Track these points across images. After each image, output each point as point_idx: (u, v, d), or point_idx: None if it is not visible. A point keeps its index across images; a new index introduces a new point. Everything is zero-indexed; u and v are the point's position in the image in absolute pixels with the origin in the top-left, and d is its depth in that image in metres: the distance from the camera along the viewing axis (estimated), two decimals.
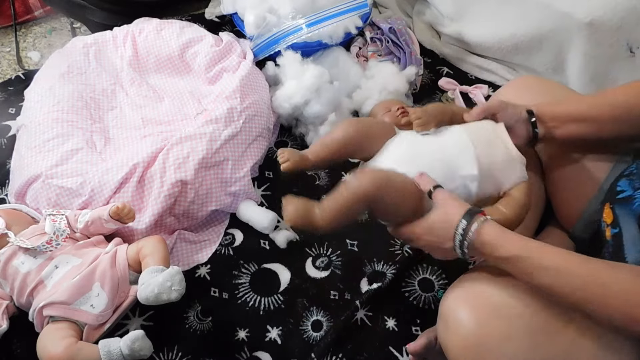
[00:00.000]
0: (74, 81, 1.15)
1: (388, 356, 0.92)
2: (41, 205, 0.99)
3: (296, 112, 1.22)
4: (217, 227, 1.07)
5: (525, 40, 1.32)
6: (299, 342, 0.92)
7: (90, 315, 0.84)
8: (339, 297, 0.98)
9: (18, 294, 0.87)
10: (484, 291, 0.71)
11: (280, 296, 0.98)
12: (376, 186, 0.74)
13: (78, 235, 0.94)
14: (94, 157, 1.02)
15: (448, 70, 1.47)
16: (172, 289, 0.81)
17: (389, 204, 0.75)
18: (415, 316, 0.96)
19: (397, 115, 1.14)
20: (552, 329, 0.67)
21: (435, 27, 1.53)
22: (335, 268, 1.02)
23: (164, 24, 1.28)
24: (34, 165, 1.00)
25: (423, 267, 1.03)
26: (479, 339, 0.67)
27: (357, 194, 0.74)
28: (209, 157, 1.03)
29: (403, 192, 0.75)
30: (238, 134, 1.09)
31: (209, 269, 1.01)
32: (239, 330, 0.93)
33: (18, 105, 1.24)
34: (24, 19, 1.53)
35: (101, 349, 0.80)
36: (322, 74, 1.20)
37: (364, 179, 0.74)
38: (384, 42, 1.36)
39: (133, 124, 1.13)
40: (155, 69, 1.26)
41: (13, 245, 0.88)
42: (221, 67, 1.23)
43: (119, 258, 0.90)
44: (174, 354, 0.89)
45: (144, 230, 0.98)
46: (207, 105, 1.16)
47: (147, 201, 0.99)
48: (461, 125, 0.83)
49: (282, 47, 1.23)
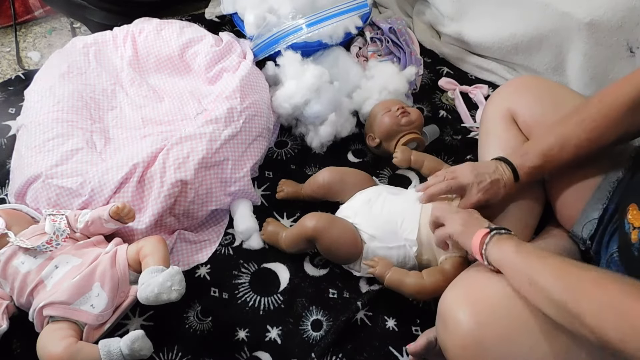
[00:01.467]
0: (74, 81, 1.15)
1: (388, 356, 0.91)
2: (41, 205, 0.99)
3: (296, 112, 1.22)
4: (217, 227, 1.07)
5: (525, 40, 1.32)
6: (299, 341, 0.92)
7: (90, 315, 0.84)
8: (337, 295, 0.98)
9: (18, 294, 0.87)
10: (482, 291, 0.71)
11: (280, 296, 0.98)
12: (314, 229, 0.93)
13: (78, 235, 0.94)
14: (94, 157, 1.02)
15: (448, 70, 1.47)
16: (172, 289, 0.81)
17: (325, 245, 0.94)
18: (415, 316, 0.96)
19: (397, 115, 1.15)
20: (550, 329, 0.67)
21: (435, 27, 1.53)
22: (334, 266, 1.02)
23: (164, 24, 1.28)
24: (34, 165, 1.00)
25: None
26: (477, 339, 0.67)
27: (300, 232, 0.96)
28: (209, 157, 1.03)
29: (339, 238, 0.93)
30: (238, 134, 1.09)
31: (209, 269, 1.01)
32: (239, 330, 0.93)
33: (18, 105, 1.24)
34: (24, 19, 1.53)
35: (101, 349, 0.80)
36: (322, 74, 1.20)
37: (308, 222, 0.94)
38: (384, 42, 1.36)
39: (133, 124, 1.13)
40: (155, 69, 1.26)
41: (13, 245, 0.88)
42: (221, 67, 1.23)
43: (119, 258, 0.90)
44: (174, 353, 0.89)
45: (144, 230, 0.98)
46: (207, 105, 1.16)
47: (147, 201, 0.99)
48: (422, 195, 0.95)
49: (282, 47, 1.23)
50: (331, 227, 0.94)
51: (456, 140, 1.28)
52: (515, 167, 0.86)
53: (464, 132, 1.29)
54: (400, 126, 1.14)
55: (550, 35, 1.26)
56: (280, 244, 1.01)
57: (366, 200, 0.98)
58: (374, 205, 0.97)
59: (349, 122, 1.24)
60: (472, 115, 1.33)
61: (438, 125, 1.26)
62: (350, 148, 1.25)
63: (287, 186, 1.11)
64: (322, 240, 0.93)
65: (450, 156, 1.24)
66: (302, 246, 0.99)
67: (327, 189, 1.04)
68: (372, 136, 1.19)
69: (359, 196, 1.00)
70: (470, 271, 0.79)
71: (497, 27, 1.36)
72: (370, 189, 1.01)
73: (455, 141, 1.27)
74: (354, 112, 1.27)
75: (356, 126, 1.26)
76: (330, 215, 0.99)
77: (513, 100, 0.97)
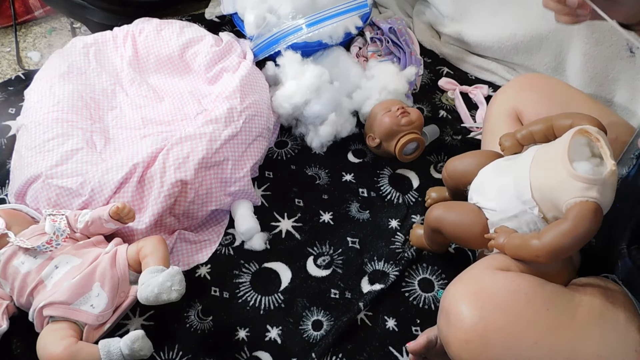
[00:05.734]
0: (74, 81, 1.15)
1: (388, 356, 0.91)
2: (41, 205, 0.99)
3: (296, 112, 1.22)
4: (217, 227, 1.07)
5: (525, 40, 1.32)
6: (299, 341, 0.92)
7: (90, 315, 0.84)
8: (339, 296, 0.98)
9: (18, 294, 0.87)
10: (486, 286, 0.71)
11: (280, 295, 0.98)
12: (434, 219, 0.90)
13: (78, 235, 0.94)
14: (94, 157, 1.02)
15: (448, 70, 1.47)
16: (172, 289, 0.81)
17: (449, 231, 0.88)
18: (415, 316, 0.96)
19: (397, 115, 1.15)
20: (555, 325, 0.66)
21: (435, 27, 1.53)
22: (337, 267, 1.02)
23: (164, 24, 1.28)
24: (34, 165, 1.00)
25: (423, 267, 1.03)
26: (481, 333, 0.67)
27: (426, 226, 0.95)
28: (209, 157, 1.03)
29: (459, 221, 0.86)
30: (238, 134, 1.09)
31: (209, 269, 1.01)
32: (239, 330, 0.93)
33: (18, 105, 1.24)
34: (24, 19, 1.53)
35: (101, 349, 0.80)
36: (322, 74, 1.20)
37: (428, 213, 0.92)
38: (384, 42, 1.36)
39: (133, 124, 1.13)
40: (155, 69, 1.26)
41: (13, 245, 0.88)
42: (221, 67, 1.23)
43: (119, 258, 0.90)
44: (174, 353, 0.89)
45: (144, 230, 0.98)
46: (207, 105, 1.16)
47: (147, 201, 0.99)
48: (535, 146, 0.80)
49: (282, 47, 1.23)
50: (449, 212, 0.88)
51: (456, 140, 1.28)
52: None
53: (464, 132, 1.29)
54: (400, 126, 1.14)
55: (550, 35, 1.26)
56: (425, 245, 1.02)
57: (482, 175, 0.88)
58: (487, 178, 0.86)
59: (349, 122, 1.24)
60: (472, 115, 1.33)
61: (438, 125, 1.26)
62: (350, 148, 1.25)
63: (434, 192, 1.11)
64: (444, 227, 0.88)
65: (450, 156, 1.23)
66: (438, 239, 0.96)
67: (455, 179, 0.94)
68: (372, 136, 1.19)
69: (479, 174, 0.89)
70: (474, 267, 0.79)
71: (497, 27, 1.36)
72: (490, 164, 0.88)
73: (455, 141, 1.27)
74: (354, 112, 1.27)
75: (356, 126, 1.26)
76: (451, 202, 0.97)
77: (518, 98, 0.97)
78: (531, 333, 0.66)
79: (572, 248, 0.69)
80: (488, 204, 0.83)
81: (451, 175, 0.95)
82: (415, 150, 1.19)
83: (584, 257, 0.84)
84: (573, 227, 0.67)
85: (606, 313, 0.70)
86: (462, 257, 1.04)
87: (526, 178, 0.75)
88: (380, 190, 1.16)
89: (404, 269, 1.02)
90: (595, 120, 0.72)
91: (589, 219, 0.66)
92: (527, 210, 0.76)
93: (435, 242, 0.99)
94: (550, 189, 0.71)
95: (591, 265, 0.82)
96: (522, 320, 0.67)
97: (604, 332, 0.67)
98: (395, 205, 1.13)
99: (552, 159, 0.72)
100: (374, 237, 1.07)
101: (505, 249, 0.76)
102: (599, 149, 0.68)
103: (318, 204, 1.12)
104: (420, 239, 1.04)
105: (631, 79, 1.19)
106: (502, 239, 0.77)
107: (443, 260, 1.04)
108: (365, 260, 1.03)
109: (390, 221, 1.10)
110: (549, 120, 0.78)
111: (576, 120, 0.74)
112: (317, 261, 1.03)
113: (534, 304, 0.68)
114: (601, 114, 0.79)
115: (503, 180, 0.80)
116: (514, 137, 0.83)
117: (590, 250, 0.87)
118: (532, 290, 0.69)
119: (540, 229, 0.74)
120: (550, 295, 0.70)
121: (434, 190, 1.12)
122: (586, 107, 0.89)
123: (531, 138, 0.81)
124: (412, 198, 1.15)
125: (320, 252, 1.04)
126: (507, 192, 0.79)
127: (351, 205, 1.13)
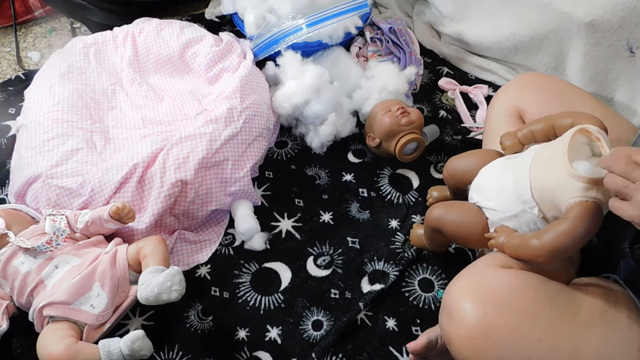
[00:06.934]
0: (74, 81, 1.15)
1: (388, 356, 0.91)
2: (41, 205, 0.99)
3: (296, 112, 1.22)
4: (217, 227, 1.07)
5: (525, 40, 1.32)
6: (299, 341, 0.92)
7: (91, 315, 0.84)
8: (339, 296, 0.98)
9: (18, 294, 0.87)
10: (488, 283, 0.70)
11: (280, 295, 0.98)
12: (434, 218, 0.90)
13: (78, 235, 0.94)
14: (94, 157, 1.02)
15: (448, 70, 1.47)
16: (172, 289, 0.81)
17: (449, 231, 0.88)
18: (415, 316, 0.96)
19: (397, 115, 1.15)
20: (558, 322, 0.66)
21: (435, 27, 1.53)
22: (337, 267, 1.02)
23: (164, 24, 1.28)
24: (34, 165, 1.00)
25: (423, 267, 1.03)
26: (484, 330, 0.66)
27: (425, 225, 0.95)
28: (209, 157, 1.03)
29: (458, 220, 0.86)
30: (238, 134, 1.09)
31: (209, 269, 1.01)
32: (239, 330, 0.93)
33: (18, 105, 1.24)
34: (24, 19, 1.53)
35: (101, 349, 0.80)
36: (322, 74, 1.20)
37: (428, 213, 0.92)
38: (384, 42, 1.36)
39: (133, 124, 1.13)
40: (155, 69, 1.26)
41: (13, 245, 0.88)
42: (221, 67, 1.23)
43: (119, 258, 0.90)
44: (174, 353, 0.89)
45: (144, 230, 0.98)
46: (207, 105, 1.16)
47: (147, 201, 0.99)
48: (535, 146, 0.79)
49: (282, 47, 1.23)
50: (449, 211, 0.88)
51: (456, 140, 1.28)
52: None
53: (464, 132, 1.29)
54: (400, 126, 1.14)
55: (550, 35, 1.26)
56: (425, 245, 1.03)
57: (482, 174, 0.87)
58: (487, 177, 0.86)
59: (349, 122, 1.24)
60: (472, 115, 1.33)
61: (438, 125, 1.26)
62: (350, 148, 1.25)
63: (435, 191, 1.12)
64: (444, 227, 0.88)
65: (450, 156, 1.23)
66: (438, 239, 0.96)
67: (456, 179, 0.94)
68: (372, 136, 1.19)
69: (479, 173, 0.88)
70: (475, 265, 0.78)
71: (497, 27, 1.36)
72: (490, 164, 0.88)
73: (455, 141, 1.27)
74: (354, 112, 1.27)
75: (356, 126, 1.26)
76: (451, 201, 0.97)
77: (520, 97, 0.97)
78: (534, 330, 0.66)
79: (572, 248, 0.69)
80: (488, 204, 0.83)
81: (452, 174, 0.95)
82: (415, 150, 1.19)
83: (584, 257, 0.84)
84: (573, 227, 0.67)
85: (608, 312, 0.69)
86: (462, 257, 1.04)
87: (526, 178, 0.75)
88: (380, 190, 1.16)
89: (404, 269, 1.02)
90: (596, 120, 0.72)
91: (589, 219, 0.66)
92: (527, 209, 0.76)
93: (436, 242, 0.99)
94: (550, 188, 0.71)
95: (592, 265, 0.82)
96: (524, 318, 0.67)
97: (607, 331, 0.67)
98: (395, 205, 1.13)
99: (552, 158, 0.71)
100: (374, 237, 1.07)
101: (505, 248, 0.76)
102: (600, 149, 0.67)
103: (318, 204, 1.12)
104: (420, 238, 1.04)
105: (631, 79, 1.19)
106: (502, 238, 0.77)
107: (443, 260, 1.04)
108: (365, 260, 1.03)
109: (390, 221, 1.10)
110: (549, 120, 0.78)
111: (577, 119, 0.73)
112: (317, 261, 1.03)
113: (536, 301, 0.67)
114: (604, 114, 0.79)
115: (503, 180, 0.80)
116: (514, 136, 0.83)
117: (591, 250, 0.87)
118: (535, 287, 0.69)
119: (540, 229, 0.74)
120: (552, 292, 0.70)
121: (435, 190, 1.12)
122: (589, 107, 0.89)
123: (532, 137, 0.81)
124: (412, 198, 1.15)
125: (320, 252, 1.04)
126: (507, 192, 0.79)
127: (351, 205, 1.13)
